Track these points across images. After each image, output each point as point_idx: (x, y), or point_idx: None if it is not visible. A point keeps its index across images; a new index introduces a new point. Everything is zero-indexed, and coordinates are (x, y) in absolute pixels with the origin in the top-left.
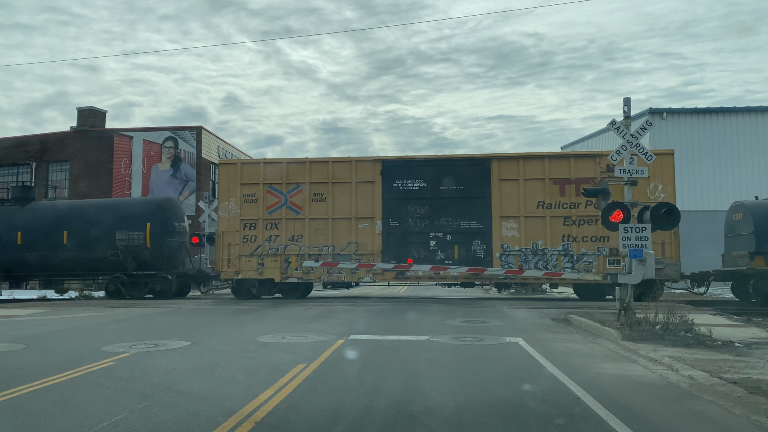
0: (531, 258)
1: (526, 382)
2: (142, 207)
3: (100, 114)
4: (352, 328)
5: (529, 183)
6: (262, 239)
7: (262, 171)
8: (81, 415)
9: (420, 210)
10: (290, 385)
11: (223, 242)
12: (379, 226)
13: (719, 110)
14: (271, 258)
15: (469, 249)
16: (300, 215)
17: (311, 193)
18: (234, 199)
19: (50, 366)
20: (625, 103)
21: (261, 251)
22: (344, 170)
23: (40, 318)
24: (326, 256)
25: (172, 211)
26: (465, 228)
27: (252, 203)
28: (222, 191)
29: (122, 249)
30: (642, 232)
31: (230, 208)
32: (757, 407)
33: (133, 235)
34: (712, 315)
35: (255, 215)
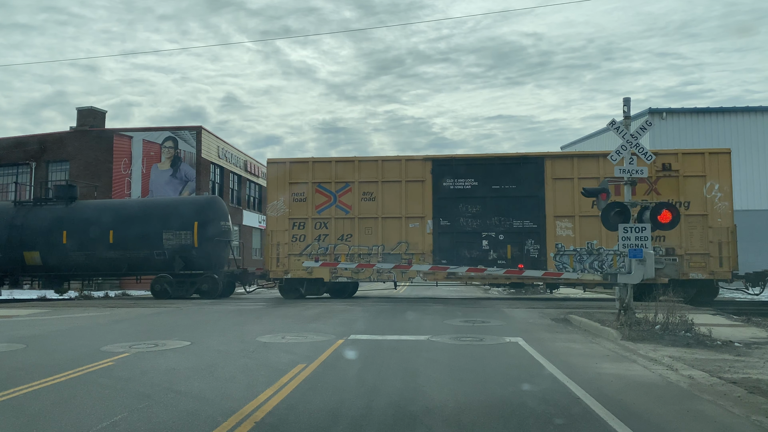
0: (586, 258)
1: (526, 382)
2: (190, 206)
3: (100, 114)
4: (352, 328)
5: (584, 182)
6: (311, 238)
7: (310, 170)
8: (80, 415)
9: (471, 209)
10: (290, 385)
11: (272, 241)
12: (429, 226)
13: (719, 110)
14: (322, 257)
15: (522, 249)
16: (349, 214)
17: (360, 192)
18: (282, 198)
19: (50, 366)
20: (625, 103)
21: (310, 250)
22: (394, 169)
23: (39, 318)
24: (375, 256)
25: (219, 211)
26: (518, 227)
27: (301, 202)
28: (270, 190)
29: (169, 249)
30: (642, 232)
31: (278, 207)
32: (756, 407)
33: (180, 234)
34: (712, 315)
35: (304, 214)
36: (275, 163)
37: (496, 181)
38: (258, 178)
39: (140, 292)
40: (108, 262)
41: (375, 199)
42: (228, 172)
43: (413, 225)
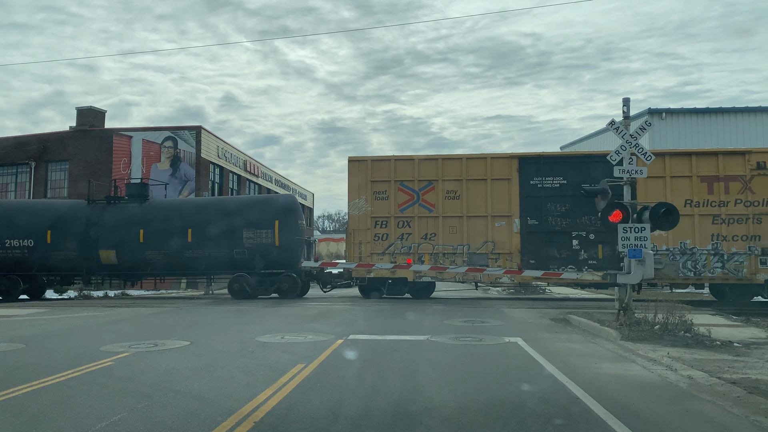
0: (679, 257)
1: (525, 382)
2: (270, 204)
3: (100, 114)
4: (352, 328)
5: (676, 180)
6: (394, 237)
7: (392, 168)
8: (80, 415)
9: (560, 208)
10: (289, 385)
11: (354, 240)
12: (516, 225)
13: (718, 110)
14: (404, 257)
15: (614, 248)
16: (433, 213)
17: (444, 190)
18: (364, 196)
19: (49, 366)
20: (624, 103)
21: (393, 249)
22: (478, 167)
23: (39, 318)
24: (460, 256)
25: (297, 209)
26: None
27: (383, 200)
28: (352, 188)
29: (250, 247)
30: (641, 232)
31: (360, 205)
32: (755, 407)
33: (261, 233)
34: (711, 315)
35: (386, 213)
36: (356, 161)
37: (585, 178)
38: (258, 178)
39: (139, 292)
40: (186, 261)
41: (459, 198)
42: (227, 172)
43: (499, 224)
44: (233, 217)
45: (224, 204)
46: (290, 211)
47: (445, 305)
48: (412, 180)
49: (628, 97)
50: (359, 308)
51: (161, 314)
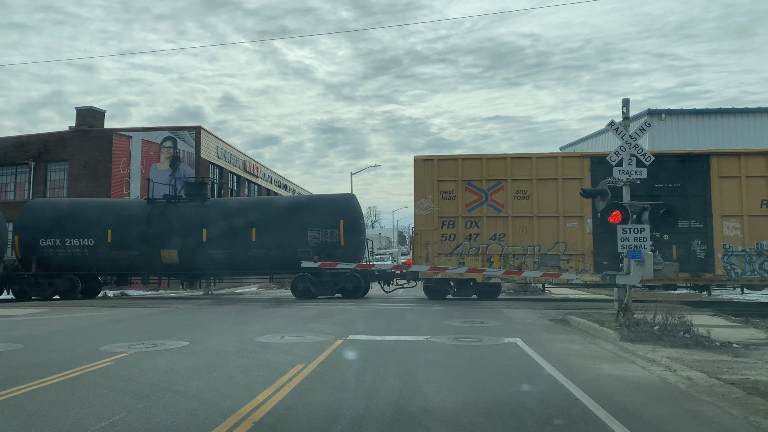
0: (756, 259)
1: (525, 383)
2: (334, 204)
3: (99, 114)
4: (351, 328)
5: (752, 180)
6: (461, 238)
7: (459, 167)
8: (79, 415)
9: None
10: (289, 386)
11: (421, 240)
12: (589, 225)
13: (718, 111)
14: (472, 257)
15: (688, 249)
16: (502, 213)
17: (513, 190)
18: (431, 196)
19: (48, 366)
20: (624, 104)
21: (461, 250)
22: (549, 167)
23: (38, 318)
24: (531, 257)
25: (358, 209)
26: (683, 227)
27: (450, 200)
28: (418, 188)
29: (314, 247)
30: (640, 233)
31: (427, 205)
32: (754, 408)
33: (326, 232)
34: (711, 316)
35: (454, 213)
36: (422, 161)
37: (658, 178)
38: (257, 179)
39: (138, 292)
40: (250, 261)
41: (529, 198)
42: (227, 172)
43: (571, 224)
44: (297, 216)
45: (288, 203)
46: (354, 210)
47: (445, 306)
48: (480, 179)
49: (627, 98)
50: (359, 309)
51: (161, 314)
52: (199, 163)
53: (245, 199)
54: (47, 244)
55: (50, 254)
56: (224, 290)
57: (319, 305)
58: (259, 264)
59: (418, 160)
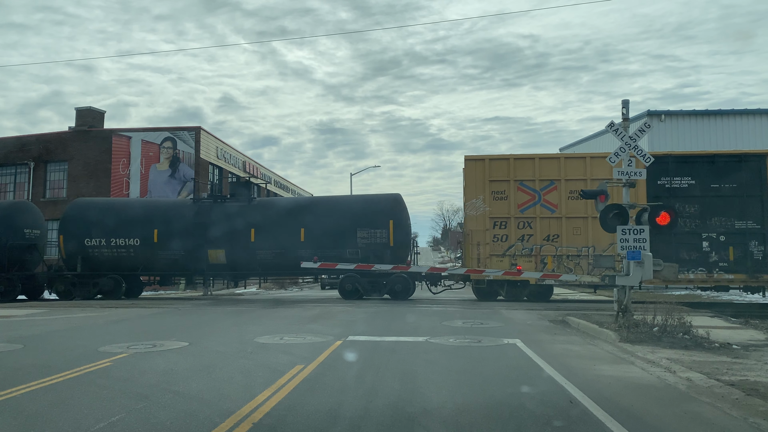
0: None
1: (524, 384)
2: (382, 204)
3: (99, 114)
4: (351, 329)
5: None
6: (514, 238)
7: (511, 167)
8: (78, 416)
9: (689, 209)
10: (288, 386)
11: (472, 241)
12: None
13: (717, 113)
14: (525, 258)
15: (745, 250)
16: (555, 214)
17: (567, 190)
18: (482, 196)
19: (47, 366)
20: (624, 105)
21: (514, 251)
22: (602, 167)
23: (37, 318)
24: (585, 258)
25: (405, 209)
26: (741, 228)
27: (502, 200)
28: (468, 188)
29: (363, 247)
30: (640, 234)
31: (478, 205)
32: (754, 409)
33: (375, 233)
34: (710, 317)
35: (506, 213)
36: (473, 160)
37: (714, 179)
38: (257, 179)
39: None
40: (298, 261)
41: None
42: (227, 172)
43: None
44: (347, 216)
45: (337, 203)
46: (402, 210)
47: (444, 307)
48: (532, 180)
49: (627, 99)
50: (358, 310)
51: (160, 315)
52: (199, 163)
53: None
54: (92, 244)
55: (95, 254)
56: (223, 291)
57: (319, 306)
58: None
59: (469, 160)
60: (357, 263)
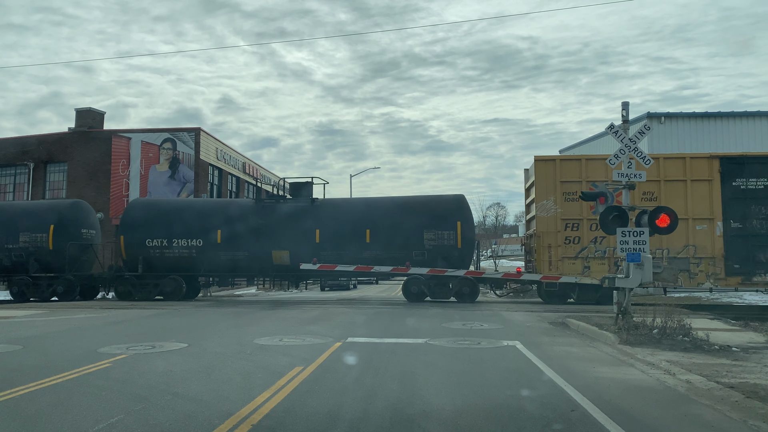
0: None
1: (524, 386)
2: (449, 204)
3: (99, 115)
4: (350, 331)
5: None
6: (586, 240)
7: (582, 167)
8: (77, 417)
9: (765, 210)
10: (287, 388)
11: (543, 243)
12: (719, 228)
13: (718, 115)
14: (598, 261)
15: None
16: None
17: (640, 191)
18: (553, 197)
19: (47, 367)
20: (624, 107)
21: (586, 253)
22: (676, 168)
23: (37, 319)
24: (660, 260)
25: (469, 208)
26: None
27: (573, 202)
28: (539, 189)
29: (430, 249)
30: (640, 236)
31: (549, 207)
32: (753, 412)
33: (443, 234)
34: (710, 319)
35: (578, 215)
36: (543, 161)
37: None
38: (257, 181)
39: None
40: (364, 261)
41: (656, 199)
42: (226, 174)
43: (700, 227)
44: (411, 217)
45: (401, 204)
46: (467, 210)
47: (444, 308)
48: (604, 180)
49: (627, 101)
50: (358, 311)
51: (159, 316)
52: (199, 164)
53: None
54: (154, 245)
55: (157, 255)
56: (223, 292)
57: (318, 308)
58: (372, 265)
59: (539, 161)
60: (424, 265)
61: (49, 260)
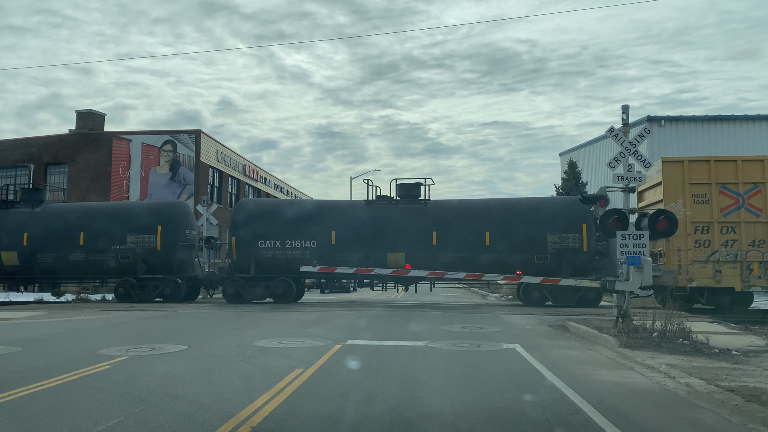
0: None
1: (524, 389)
2: (575, 206)
3: (99, 117)
4: (350, 333)
5: None
6: (717, 244)
7: (711, 169)
8: (76, 419)
9: None
10: (287, 390)
11: (672, 247)
12: None
13: (717, 118)
14: (730, 265)
15: None
16: (760, 218)
17: None
18: (681, 199)
19: (46, 369)
20: (624, 110)
21: (717, 257)
22: None
23: (37, 321)
24: None
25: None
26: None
27: (702, 204)
28: (667, 191)
29: (553, 253)
30: (640, 239)
31: (677, 209)
32: (753, 415)
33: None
34: (710, 323)
35: (708, 218)
36: (670, 162)
37: None
38: (257, 183)
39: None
40: (483, 265)
41: None
42: (227, 176)
43: None
44: (534, 219)
45: (526, 206)
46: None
47: (444, 311)
48: (735, 182)
49: (627, 105)
50: (358, 314)
51: (159, 318)
52: (199, 166)
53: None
54: (266, 246)
55: (269, 256)
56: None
57: (318, 310)
58: (494, 269)
59: (666, 162)
60: (545, 269)
61: (157, 261)
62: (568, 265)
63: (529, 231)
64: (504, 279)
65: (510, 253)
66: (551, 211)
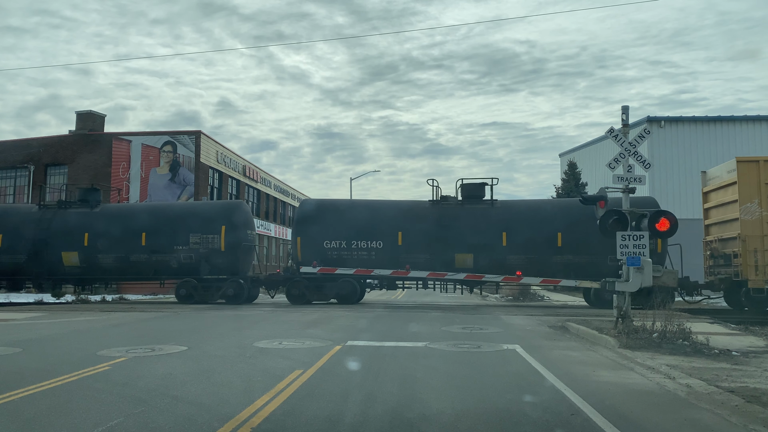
0: None
1: (524, 390)
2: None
3: (99, 118)
4: (350, 334)
5: None
6: None
7: None
8: (76, 420)
9: None
10: (287, 391)
11: (748, 247)
12: None
13: (717, 119)
14: None
15: None
16: None
17: None
18: (757, 200)
19: (46, 370)
20: (623, 111)
21: None
22: None
23: (37, 322)
24: None
25: None
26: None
27: None
28: (742, 192)
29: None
30: (639, 240)
31: (753, 210)
32: (754, 416)
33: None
34: (710, 323)
35: None
36: (745, 162)
37: None
38: (257, 183)
39: (137, 296)
40: (554, 266)
41: None
42: (227, 176)
43: None
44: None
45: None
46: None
47: (444, 312)
48: None
49: (627, 105)
50: (357, 314)
51: (159, 319)
52: (199, 167)
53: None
54: (332, 246)
55: (334, 256)
56: None
57: (318, 311)
58: (564, 270)
59: (741, 162)
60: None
61: (220, 262)
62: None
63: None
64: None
65: (582, 254)
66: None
